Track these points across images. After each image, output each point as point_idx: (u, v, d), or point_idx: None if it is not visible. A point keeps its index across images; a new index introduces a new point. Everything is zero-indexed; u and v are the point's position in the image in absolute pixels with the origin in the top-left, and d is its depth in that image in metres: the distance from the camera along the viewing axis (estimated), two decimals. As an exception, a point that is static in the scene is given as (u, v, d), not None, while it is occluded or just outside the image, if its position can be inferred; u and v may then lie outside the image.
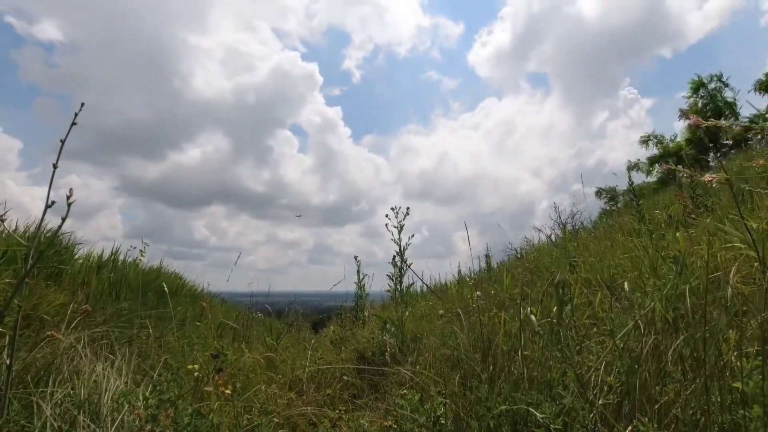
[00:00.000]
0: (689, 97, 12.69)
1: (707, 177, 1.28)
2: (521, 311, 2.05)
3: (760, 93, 11.08)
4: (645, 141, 13.78)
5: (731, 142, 10.74)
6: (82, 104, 1.54)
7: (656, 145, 13.48)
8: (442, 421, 1.74)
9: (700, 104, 12.49)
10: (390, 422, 1.96)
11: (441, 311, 3.42)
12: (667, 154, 12.59)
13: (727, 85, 12.26)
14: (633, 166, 13.45)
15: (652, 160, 13.07)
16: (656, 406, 1.45)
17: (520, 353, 1.88)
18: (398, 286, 3.83)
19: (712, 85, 12.43)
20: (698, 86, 12.64)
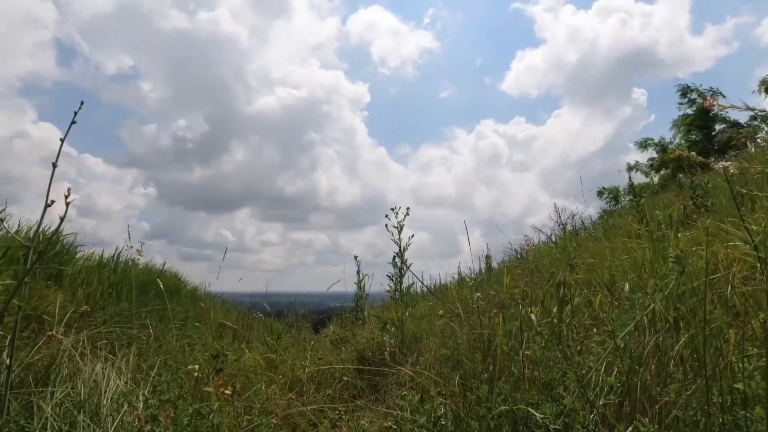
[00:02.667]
0: (681, 104, 12.84)
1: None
2: (522, 311, 2.05)
3: (766, 93, 11.05)
4: (643, 145, 13.86)
5: (724, 146, 10.78)
6: (82, 103, 1.55)
7: (655, 148, 13.53)
8: (443, 422, 1.74)
9: (690, 112, 12.62)
10: (390, 422, 1.96)
11: (441, 312, 3.41)
12: (667, 160, 12.65)
13: (717, 93, 12.32)
14: (632, 168, 13.47)
15: (656, 165, 13.10)
16: (657, 407, 1.45)
17: (521, 353, 1.88)
18: (398, 287, 3.82)
19: (694, 96, 12.56)
20: (686, 91, 12.78)
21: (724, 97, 12.52)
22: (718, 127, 12.33)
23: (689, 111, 12.62)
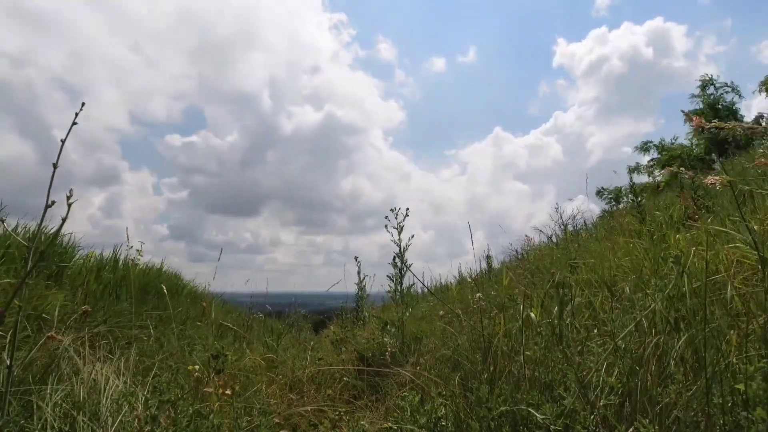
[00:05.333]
0: (697, 96, 12.68)
1: (709, 179, 1.28)
2: (522, 312, 2.05)
3: (766, 93, 11.04)
4: (645, 148, 13.85)
5: (733, 143, 10.73)
6: (83, 104, 1.55)
7: (657, 150, 13.50)
8: (443, 423, 1.73)
9: (702, 106, 12.54)
10: (390, 423, 1.95)
11: (441, 312, 3.41)
12: (673, 157, 12.57)
13: (734, 89, 12.27)
14: (633, 170, 13.43)
15: (660, 163, 13.03)
16: (657, 408, 1.44)
17: (521, 354, 1.87)
18: (398, 287, 3.82)
19: (710, 91, 12.47)
20: (706, 84, 12.63)
21: (741, 96, 12.40)
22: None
23: (699, 106, 12.50)
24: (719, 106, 12.23)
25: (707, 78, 12.60)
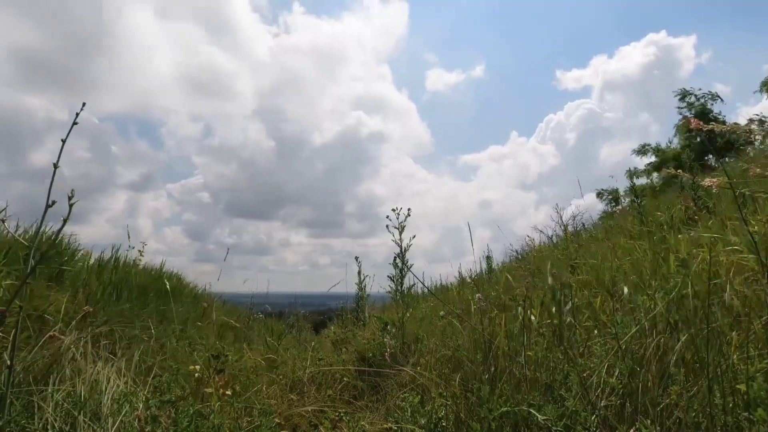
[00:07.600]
0: (681, 108, 12.97)
1: (707, 181, 1.28)
2: (522, 312, 2.05)
3: (766, 93, 11.15)
4: (641, 151, 14.01)
5: (721, 147, 10.83)
6: (84, 104, 1.55)
7: (653, 153, 13.66)
8: (443, 423, 1.73)
9: (692, 114, 12.73)
10: (391, 423, 1.96)
11: (442, 312, 3.41)
12: (666, 160, 12.75)
13: (717, 99, 12.49)
14: (632, 174, 13.57)
15: (655, 166, 13.20)
16: (658, 408, 1.44)
17: (523, 354, 1.87)
18: (399, 287, 3.82)
19: (694, 101, 12.70)
20: (684, 94, 12.91)
21: (722, 101, 12.60)
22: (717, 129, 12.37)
23: (687, 113, 12.74)
24: (711, 116, 12.49)
25: (683, 90, 12.87)
